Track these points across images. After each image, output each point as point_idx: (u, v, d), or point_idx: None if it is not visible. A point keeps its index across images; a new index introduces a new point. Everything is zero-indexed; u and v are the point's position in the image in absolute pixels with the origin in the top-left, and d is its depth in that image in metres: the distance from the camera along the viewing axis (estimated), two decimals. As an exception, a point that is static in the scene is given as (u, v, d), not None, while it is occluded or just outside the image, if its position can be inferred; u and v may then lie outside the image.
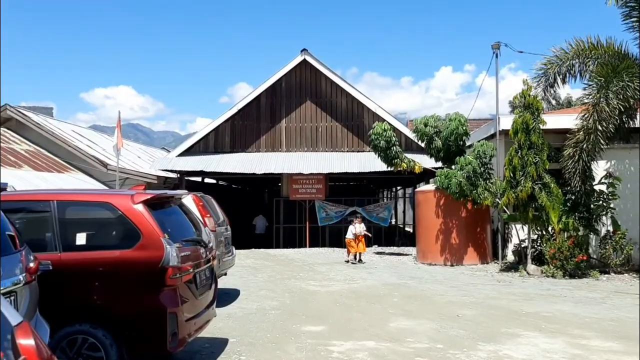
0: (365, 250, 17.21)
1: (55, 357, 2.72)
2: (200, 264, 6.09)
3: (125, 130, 20.65)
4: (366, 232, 17.06)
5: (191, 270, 5.78)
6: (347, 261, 16.63)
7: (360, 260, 16.63)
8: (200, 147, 23.34)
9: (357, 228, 16.68)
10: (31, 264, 4.66)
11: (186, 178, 23.38)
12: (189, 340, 5.83)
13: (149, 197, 5.82)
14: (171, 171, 22.84)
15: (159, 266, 5.34)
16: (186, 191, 8.10)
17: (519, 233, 15.10)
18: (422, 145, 17.76)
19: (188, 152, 23.20)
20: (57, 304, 5.24)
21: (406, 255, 18.61)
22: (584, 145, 13.36)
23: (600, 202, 14.17)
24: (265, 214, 26.64)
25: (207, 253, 6.43)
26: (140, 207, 5.58)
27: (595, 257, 14.39)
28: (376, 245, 21.58)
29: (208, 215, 10.05)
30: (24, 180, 15.94)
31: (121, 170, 19.26)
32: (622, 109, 13.19)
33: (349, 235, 16.75)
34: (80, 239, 5.56)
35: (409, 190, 34.43)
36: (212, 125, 23.60)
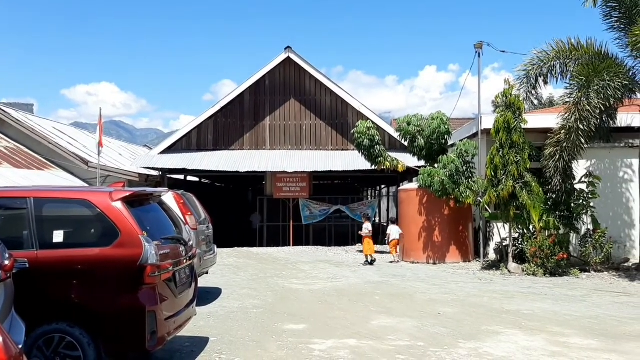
0: (370, 251, 15.97)
1: (24, 356, 2.67)
2: (180, 262, 6.03)
3: (107, 128, 20.45)
4: (366, 235, 16.15)
5: (170, 268, 5.73)
6: (371, 262, 15.71)
7: (370, 262, 15.68)
8: (183, 145, 23.17)
9: (363, 227, 16.39)
10: (6, 262, 4.58)
11: (168, 176, 23.19)
12: (169, 339, 5.78)
13: (127, 194, 5.75)
14: (153, 169, 22.64)
15: (137, 264, 5.28)
16: (166, 189, 8.03)
17: (501, 231, 15.22)
18: (406, 144, 17.82)
19: (170, 149, 23.01)
20: (33, 302, 5.16)
21: (389, 253, 18.64)
22: (565, 145, 13.50)
23: (581, 201, 14.33)
24: (252, 212, 26.52)
25: (188, 251, 6.37)
26: (118, 205, 5.51)
27: (575, 255, 14.55)
28: (359, 244, 21.58)
29: (189, 214, 9.97)
30: (3, 178, 15.70)
31: (102, 167, 19.04)
32: (603, 108, 13.34)
33: (365, 232, 16.18)
34: (58, 236, 5.48)
35: (392, 189, 34.56)
36: (195, 122, 23.43)
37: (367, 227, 16.39)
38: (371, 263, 15.73)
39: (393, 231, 16.38)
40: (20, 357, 2.63)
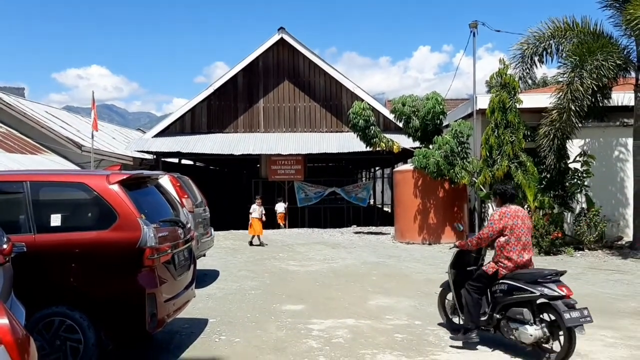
0: (255, 232, 16.17)
1: (31, 338, 2.68)
2: (178, 244, 6.03)
3: (99, 111, 20.27)
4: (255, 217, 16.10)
5: (169, 250, 5.73)
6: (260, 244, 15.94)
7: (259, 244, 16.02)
8: (177, 128, 23.06)
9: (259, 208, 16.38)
10: (4, 246, 4.57)
11: (163, 159, 23.12)
12: (168, 320, 5.81)
13: (124, 177, 5.73)
14: (147, 152, 22.56)
15: (136, 247, 5.27)
16: (163, 172, 8.01)
17: (496, 211, 15.27)
18: (400, 125, 17.80)
19: (164, 133, 22.91)
20: (32, 286, 5.16)
21: (385, 234, 18.73)
22: (558, 124, 13.53)
23: (575, 180, 14.40)
24: (244, 195, 26.51)
25: (185, 234, 6.37)
26: (116, 188, 5.49)
27: (569, 234, 14.66)
28: (355, 225, 21.68)
29: (185, 196, 9.96)
30: (-4, 163, 15.60)
31: (96, 151, 18.96)
32: (596, 88, 13.36)
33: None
34: (55, 220, 5.45)
35: (387, 171, 34.62)
36: (189, 105, 23.31)
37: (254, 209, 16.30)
38: (260, 244, 15.93)
39: (278, 206, 16.77)
40: (27, 339, 2.64)
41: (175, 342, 6.42)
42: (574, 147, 14.88)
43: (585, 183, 14.46)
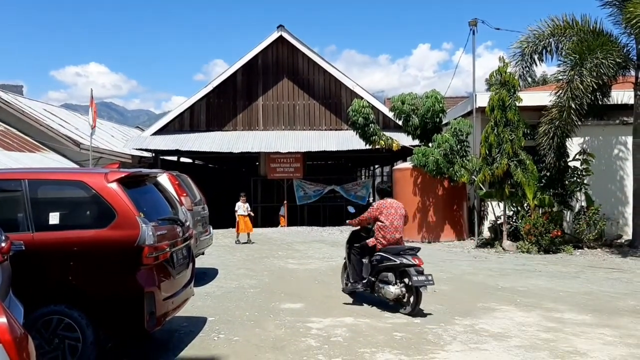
0: (243, 230, 16.61)
1: (30, 336, 2.66)
2: (177, 242, 6.01)
3: (98, 109, 20.22)
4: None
5: (168, 249, 5.71)
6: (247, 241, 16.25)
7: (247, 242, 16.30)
8: (176, 126, 23.04)
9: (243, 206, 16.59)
10: (2, 244, 4.54)
11: (161, 157, 23.11)
12: (167, 319, 5.79)
13: (123, 175, 5.70)
14: (146, 150, 22.53)
15: (134, 245, 5.25)
16: (162, 170, 7.99)
17: (495, 210, 15.29)
18: (400, 123, 17.77)
19: (163, 130, 22.88)
20: (31, 284, 5.15)
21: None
22: (558, 123, 13.52)
23: (575, 178, 14.40)
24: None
25: (184, 232, 6.35)
26: (114, 186, 5.46)
27: (569, 232, 14.66)
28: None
29: (184, 194, 9.94)
30: (-5, 160, 15.56)
31: (94, 149, 18.92)
32: (596, 87, 13.34)
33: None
34: (54, 218, 5.43)
35: (386, 169, 34.61)
36: (187, 103, 23.28)
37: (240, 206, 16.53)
38: (248, 242, 16.20)
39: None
40: (25, 337, 2.62)
41: (174, 341, 6.40)
42: (574, 145, 14.87)
43: (585, 181, 14.45)
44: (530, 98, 15.19)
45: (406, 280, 7.52)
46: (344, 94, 23.00)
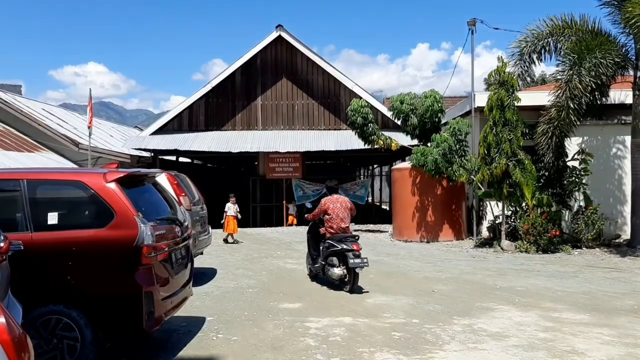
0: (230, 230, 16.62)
1: (28, 336, 2.66)
2: (175, 242, 6.02)
3: (96, 109, 20.28)
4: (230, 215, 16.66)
5: (166, 249, 5.72)
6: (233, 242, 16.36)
7: (233, 242, 16.43)
8: (174, 126, 23.04)
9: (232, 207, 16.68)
10: (1, 244, 4.54)
11: (160, 157, 23.10)
12: (166, 319, 5.79)
13: (121, 175, 5.70)
14: (145, 150, 22.52)
15: (133, 245, 5.26)
16: (160, 170, 7.99)
17: (494, 209, 15.30)
18: (399, 123, 17.80)
19: (162, 130, 22.87)
20: (29, 284, 5.14)
21: (382, 232, 18.73)
22: (557, 122, 13.52)
23: (573, 178, 14.41)
24: (242, 193, 26.46)
25: (183, 232, 6.36)
26: (112, 186, 5.47)
27: (567, 232, 14.67)
28: (353, 223, 21.65)
29: (183, 194, 9.94)
30: (-7, 160, 15.55)
31: (93, 149, 18.92)
32: (594, 86, 13.36)
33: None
34: (52, 218, 5.43)
35: (385, 169, 34.59)
36: (186, 103, 23.27)
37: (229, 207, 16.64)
38: (234, 242, 16.26)
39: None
40: (23, 337, 2.63)
41: (172, 341, 6.40)
42: (572, 145, 14.89)
43: (583, 181, 14.47)
44: (528, 98, 15.20)
45: (347, 262, 8.81)
46: (343, 93, 23.01)
